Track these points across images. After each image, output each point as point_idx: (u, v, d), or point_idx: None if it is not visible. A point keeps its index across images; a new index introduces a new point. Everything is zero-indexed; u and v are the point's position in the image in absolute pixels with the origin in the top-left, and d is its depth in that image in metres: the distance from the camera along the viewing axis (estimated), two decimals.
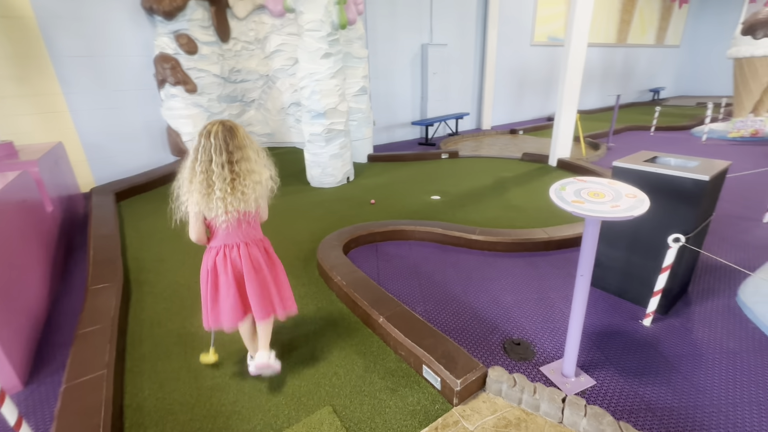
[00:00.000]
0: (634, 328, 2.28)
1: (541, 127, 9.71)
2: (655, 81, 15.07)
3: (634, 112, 11.74)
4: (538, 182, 5.15)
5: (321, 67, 4.73)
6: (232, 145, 1.57)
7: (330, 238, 3.29)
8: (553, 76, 11.53)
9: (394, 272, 2.95)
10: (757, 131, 7.07)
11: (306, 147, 5.14)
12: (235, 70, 6.49)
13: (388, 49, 7.84)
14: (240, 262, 1.72)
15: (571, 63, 5.37)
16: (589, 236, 1.60)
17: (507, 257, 3.15)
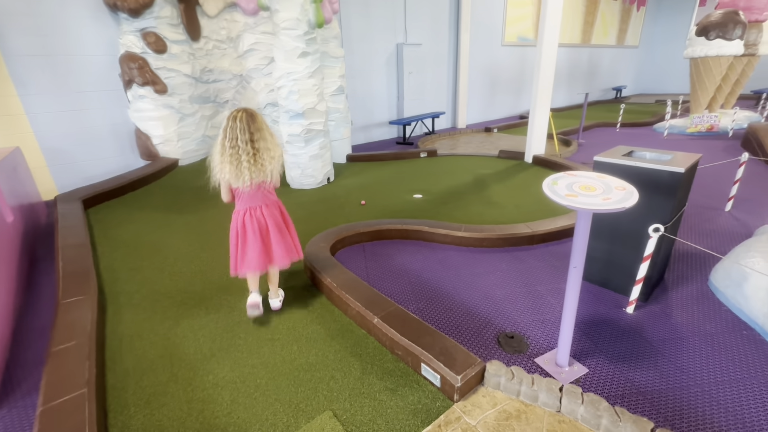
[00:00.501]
0: (619, 316, 2.37)
1: (514, 125, 9.95)
2: (617, 80, 15.78)
3: (600, 109, 12.24)
4: (516, 178, 5.27)
5: (298, 66, 4.64)
6: (253, 127, 2.01)
7: (316, 239, 3.24)
8: (524, 75, 11.86)
9: (383, 272, 2.94)
10: (713, 126, 7.54)
11: (284, 148, 5.02)
12: (207, 70, 6.28)
13: (364, 49, 7.81)
14: (264, 221, 2.21)
15: (544, 63, 5.53)
16: (582, 228, 1.65)
17: (493, 252, 3.20)
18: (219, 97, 6.63)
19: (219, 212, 4.26)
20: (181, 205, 4.49)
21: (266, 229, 2.24)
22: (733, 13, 7.27)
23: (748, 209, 3.93)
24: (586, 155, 6.50)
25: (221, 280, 2.90)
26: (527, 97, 12.32)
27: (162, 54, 5.41)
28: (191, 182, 5.31)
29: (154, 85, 5.42)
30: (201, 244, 3.51)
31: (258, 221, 2.21)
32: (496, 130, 9.42)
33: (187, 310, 2.58)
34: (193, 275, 2.99)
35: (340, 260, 3.10)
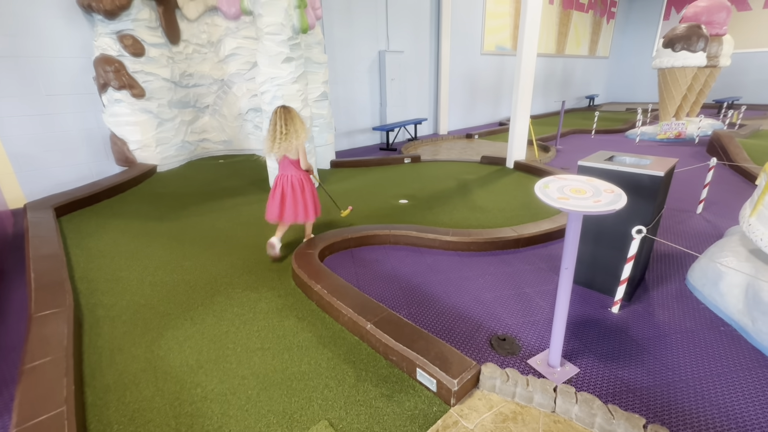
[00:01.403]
0: (605, 316, 2.43)
1: (494, 132, 10.17)
2: (590, 89, 16.41)
3: (575, 117, 12.67)
4: (499, 183, 5.37)
5: (282, 71, 4.60)
6: (286, 117, 2.91)
7: (303, 246, 3.19)
8: (502, 83, 12.16)
9: (372, 277, 2.92)
10: (680, 133, 7.92)
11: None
12: (186, 74, 6.14)
13: (346, 55, 7.83)
14: (285, 186, 3.06)
15: (523, 73, 5.68)
16: (573, 230, 1.68)
17: (481, 256, 3.23)
18: (199, 101, 6.49)
19: (202, 219, 4.14)
20: (161, 213, 4.35)
21: (283, 193, 3.07)
22: (696, 27, 7.70)
23: (717, 211, 4.13)
24: (564, 161, 6.69)
25: (207, 289, 2.81)
26: (506, 104, 12.62)
27: (139, 57, 5.26)
28: (171, 189, 5.17)
29: (131, 89, 5.25)
30: (183, 252, 3.40)
31: (282, 185, 3.08)
32: (477, 136, 9.60)
33: (170, 321, 2.48)
34: (176, 285, 2.88)
35: (329, 266, 3.06)
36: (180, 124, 6.08)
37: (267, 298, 2.68)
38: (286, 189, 3.06)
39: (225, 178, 5.69)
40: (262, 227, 3.90)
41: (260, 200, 4.77)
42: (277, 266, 3.12)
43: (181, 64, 6.02)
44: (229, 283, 2.89)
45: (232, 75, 6.49)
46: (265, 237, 3.65)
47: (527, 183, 5.33)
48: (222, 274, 3.01)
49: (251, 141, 7.03)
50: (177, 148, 6.05)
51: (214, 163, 6.49)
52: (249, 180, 5.58)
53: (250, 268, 3.10)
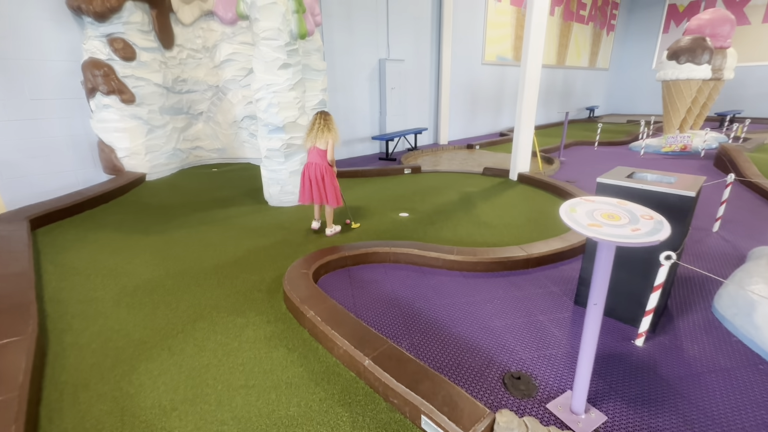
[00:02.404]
0: (629, 349, 2.21)
1: (496, 142, 10.04)
2: (590, 100, 16.38)
3: (576, 128, 12.57)
4: (503, 196, 5.20)
5: (279, 78, 4.43)
6: (326, 118, 3.59)
7: (297, 264, 2.97)
8: (503, 93, 12.07)
9: (371, 300, 2.71)
10: (686, 146, 7.78)
11: (263, 163, 4.78)
12: (180, 80, 5.98)
13: (346, 63, 7.70)
14: (310, 172, 3.63)
15: (528, 84, 5.54)
16: (603, 262, 1.46)
17: (488, 278, 3.02)
18: (192, 108, 6.33)
19: (190, 233, 3.93)
20: (146, 225, 4.15)
21: (310, 180, 3.66)
22: (701, 39, 7.61)
23: (735, 230, 3.94)
24: (569, 173, 6.53)
25: (189, 313, 2.57)
26: (507, 115, 12.52)
27: (130, 61, 5.07)
28: (160, 198, 4.97)
29: (121, 94, 5.06)
30: (166, 269, 3.18)
31: (308, 172, 3.66)
32: (478, 147, 9.46)
33: (145, 350, 2.23)
34: (156, 307, 2.65)
35: (324, 287, 2.85)
36: (171, 131, 5.91)
37: (254, 324, 2.45)
38: (311, 176, 3.66)
39: (217, 187, 5.52)
40: (256, 241, 3.71)
41: (254, 212, 4.57)
42: (266, 287, 2.89)
43: (174, 70, 5.86)
44: (214, 305, 2.66)
45: (227, 81, 6.34)
46: (257, 252, 3.47)
47: (533, 197, 5.17)
48: (207, 295, 2.79)
49: (246, 149, 6.85)
50: (168, 155, 5.87)
51: (207, 171, 6.32)
52: (243, 190, 5.40)
53: (238, 288, 2.88)
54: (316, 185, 3.64)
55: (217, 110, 6.52)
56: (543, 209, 4.63)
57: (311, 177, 3.64)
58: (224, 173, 6.26)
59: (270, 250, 3.52)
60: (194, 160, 6.60)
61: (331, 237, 3.80)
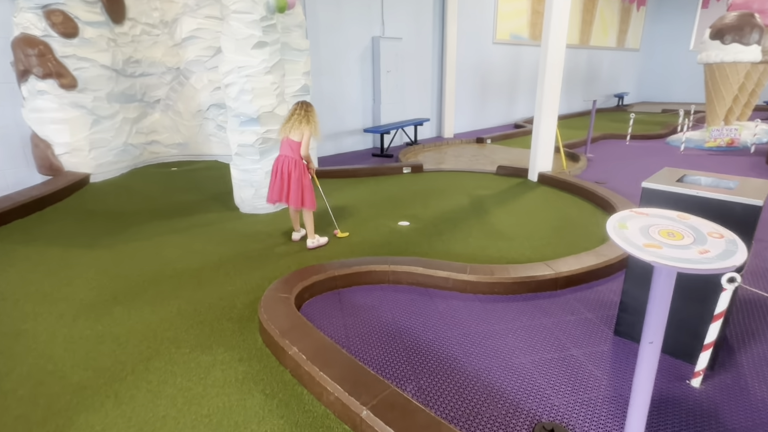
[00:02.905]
0: (684, 392, 2.14)
1: (510, 135, 10.05)
2: (618, 86, 16.54)
3: (603, 118, 12.66)
4: (522, 201, 5.17)
5: (253, 59, 4.37)
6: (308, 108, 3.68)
7: (275, 287, 2.89)
8: (518, 78, 12.12)
9: (367, 332, 2.63)
10: (733, 140, 7.84)
11: (233, 161, 4.72)
12: (132, 61, 5.90)
13: (333, 42, 7.65)
14: (281, 165, 3.67)
15: (550, 67, 5.53)
16: (662, 290, 1.39)
17: (509, 302, 2.96)
18: (147, 95, 6.24)
19: (144, 246, 3.85)
20: (91, 237, 4.05)
21: (276, 172, 3.69)
22: (749, 16, 7.70)
23: None
24: (597, 172, 6.52)
25: (142, 348, 2.46)
26: (523, 102, 12.56)
27: (71, 38, 4.98)
28: (108, 205, 4.87)
29: (60, 78, 4.95)
30: (114, 292, 3.08)
31: (277, 164, 3.69)
32: (490, 140, 9.46)
33: (86, 398, 2.12)
34: (101, 341, 2.54)
35: (310, 316, 2.78)
36: (122, 123, 5.82)
37: (224, 362, 2.35)
38: (279, 169, 3.68)
39: (178, 191, 5.44)
40: (224, 256, 3.63)
41: (222, 220, 4.49)
42: (237, 315, 2.80)
43: (125, 48, 5.78)
44: (173, 338, 2.56)
45: (189, 63, 6.26)
46: (226, 270, 3.39)
47: (557, 201, 5.14)
48: (165, 325, 2.70)
49: (213, 144, 6.75)
50: (117, 152, 5.79)
51: (165, 171, 6.23)
52: (209, 194, 5.32)
53: (204, 316, 2.79)
54: (281, 180, 3.67)
55: (177, 97, 6.42)
56: (570, 216, 4.60)
57: (278, 170, 3.69)
58: (186, 173, 6.16)
59: (242, 268, 3.44)
60: (149, 158, 6.50)
61: (314, 250, 3.75)
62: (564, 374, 2.26)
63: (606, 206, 4.70)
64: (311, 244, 3.81)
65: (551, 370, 2.29)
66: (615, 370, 2.30)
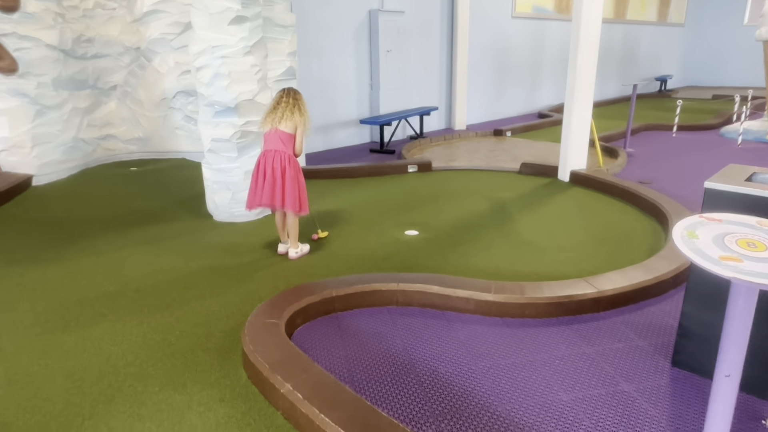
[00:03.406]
0: None
1: (534, 127, 10.17)
2: (660, 67, 16.70)
3: (643, 106, 12.79)
4: (552, 204, 5.22)
5: (230, 37, 4.42)
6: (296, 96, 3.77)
7: (262, 310, 2.90)
8: (542, 58, 12.22)
9: (373, 364, 2.63)
10: None
11: (205, 159, 4.77)
12: (84, 39, 5.97)
13: (323, 16, 7.73)
14: (271, 161, 3.67)
15: (584, 43, 5.61)
16: (742, 312, 1.38)
17: (543, 327, 2.98)
18: (102, 80, 6.31)
19: (99, 262, 3.88)
20: (34, 251, 4.08)
21: (264, 171, 3.68)
22: None
23: None
24: (640, 169, 6.56)
25: (100, 387, 2.45)
26: (548, 88, 12.65)
27: (11, 13, 5.03)
28: (54, 212, 4.90)
29: None
30: (65, 318, 3.08)
31: (265, 161, 3.69)
32: (510, 133, 9.55)
33: None
34: (50, 378, 2.52)
35: (303, 345, 2.77)
36: (71, 114, 5.86)
37: (201, 403, 2.34)
38: (267, 167, 3.68)
39: (139, 195, 5.47)
40: (197, 274, 3.66)
41: (193, 230, 4.54)
42: (216, 345, 2.80)
43: (75, 25, 5.83)
44: (138, 374, 2.55)
45: (152, 41, 6.32)
46: (200, 290, 3.41)
47: (593, 204, 5.19)
48: (128, 357, 2.69)
49: (180, 139, 6.78)
50: (65, 149, 5.82)
51: (123, 172, 6.24)
52: (176, 198, 5.37)
53: (175, 347, 2.78)
54: (272, 180, 3.67)
55: (137, 83, 6.48)
56: (610, 223, 4.63)
57: (266, 168, 3.68)
58: (148, 174, 6.17)
59: (219, 287, 3.45)
60: (104, 156, 6.53)
61: (304, 266, 3.78)
62: (613, 414, 2.25)
63: (653, 211, 4.73)
64: (295, 254, 3.88)
65: (597, 409, 2.28)
66: (675, 408, 2.29)
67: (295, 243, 3.88)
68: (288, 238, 3.95)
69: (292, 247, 3.88)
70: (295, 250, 3.88)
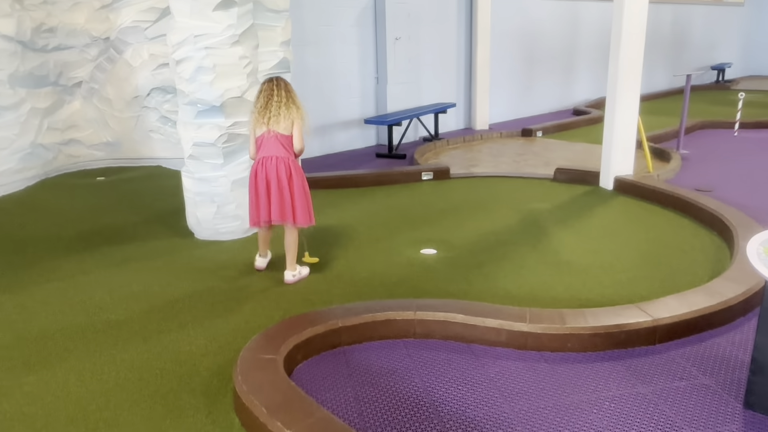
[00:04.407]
0: None
1: (568, 126, 10.23)
2: (716, 54, 16.77)
3: (697, 99, 12.80)
4: (594, 218, 5.24)
5: (216, 24, 4.49)
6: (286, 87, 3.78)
7: (255, 344, 2.92)
8: (577, 46, 12.29)
9: (389, 407, 2.64)
10: None
11: (185, 167, 4.83)
12: (45, 29, 6.07)
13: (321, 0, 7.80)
14: (274, 171, 3.70)
15: (628, 28, 5.69)
16: None
17: (589, 362, 2.99)
18: (65, 75, 6.39)
19: (62, 289, 3.93)
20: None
21: (268, 182, 3.72)
22: None
23: None
24: (697, 175, 6.58)
25: None
26: (585, 80, 12.72)
27: None
28: (10, 229, 4.97)
29: None
30: (25, 354, 3.11)
31: (265, 170, 3.71)
32: (540, 133, 9.60)
33: None
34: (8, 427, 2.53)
35: (306, 385, 2.79)
36: (29, 116, 5.93)
37: None
38: (270, 177, 3.71)
39: (108, 209, 5.52)
40: (178, 301, 3.69)
41: (171, 250, 4.62)
42: (202, 386, 2.81)
43: (35, 13, 5.93)
44: (111, 420, 2.56)
45: (124, 31, 6.40)
46: (182, 320, 3.45)
47: (643, 217, 5.21)
48: (99, 401, 2.70)
49: (155, 143, 6.84)
50: (22, 156, 5.88)
51: (89, 182, 6.29)
52: (151, 213, 5.43)
53: (154, 387, 2.80)
54: (278, 193, 3.72)
55: (106, 79, 6.56)
56: (663, 238, 4.64)
57: (270, 178, 3.72)
58: (118, 184, 6.22)
59: (203, 317, 3.49)
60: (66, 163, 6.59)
61: (302, 290, 3.81)
62: None
63: (714, 223, 4.74)
64: (292, 278, 3.90)
65: None
66: None
67: (293, 264, 3.90)
68: (268, 252, 4.10)
69: (289, 269, 3.89)
70: (293, 273, 3.89)
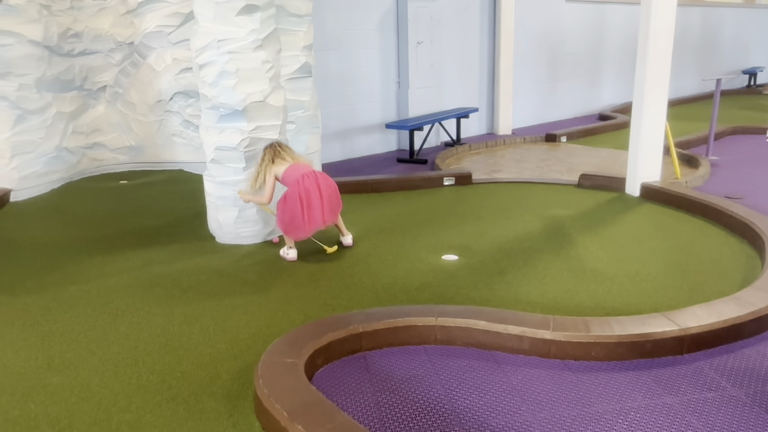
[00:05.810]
0: None
1: (593, 131, 10.16)
2: (748, 58, 16.52)
3: (728, 104, 12.59)
4: (620, 225, 5.21)
5: (239, 29, 4.55)
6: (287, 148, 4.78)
7: (276, 348, 2.94)
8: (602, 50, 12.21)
9: (410, 414, 2.64)
10: None
11: (207, 171, 4.88)
12: (71, 34, 6.16)
13: (344, 4, 7.90)
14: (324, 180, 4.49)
15: (656, 30, 5.64)
16: None
17: (614, 371, 2.96)
18: (90, 80, 6.46)
19: (86, 291, 3.96)
20: (11, 278, 4.20)
21: (319, 188, 4.29)
22: None
23: None
24: (727, 182, 6.49)
25: None
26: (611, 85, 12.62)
27: None
28: (34, 232, 5.01)
29: None
30: (49, 356, 3.15)
31: (315, 182, 4.28)
32: (565, 138, 9.55)
33: None
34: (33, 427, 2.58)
35: (326, 390, 2.79)
36: (55, 120, 6.00)
37: None
38: (321, 184, 4.33)
39: (130, 213, 5.56)
40: (199, 304, 3.72)
41: (193, 253, 4.65)
42: (223, 389, 2.84)
43: (62, 18, 6.00)
44: (134, 422, 2.59)
45: (148, 35, 6.47)
46: (203, 324, 3.48)
47: (671, 224, 5.17)
48: (122, 403, 2.73)
49: (177, 147, 6.91)
50: (48, 160, 5.95)
51: (113, 186, 6.34)
52: (173, 217, 5.46)
53: (176, 390, 2.83)
54: (328, 197, 4.37)
55: (130, 83, 6.63)
56: (691, 246, 4.60)
57: (321, 185, 4.34)
58: (141, 188, 6.27)
59: (224, 321, 3.51)
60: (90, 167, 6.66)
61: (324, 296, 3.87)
62: None
63: (745, 231, 4.67)
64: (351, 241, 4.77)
65: None
66: None
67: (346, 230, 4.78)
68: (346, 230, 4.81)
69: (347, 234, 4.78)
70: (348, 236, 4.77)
